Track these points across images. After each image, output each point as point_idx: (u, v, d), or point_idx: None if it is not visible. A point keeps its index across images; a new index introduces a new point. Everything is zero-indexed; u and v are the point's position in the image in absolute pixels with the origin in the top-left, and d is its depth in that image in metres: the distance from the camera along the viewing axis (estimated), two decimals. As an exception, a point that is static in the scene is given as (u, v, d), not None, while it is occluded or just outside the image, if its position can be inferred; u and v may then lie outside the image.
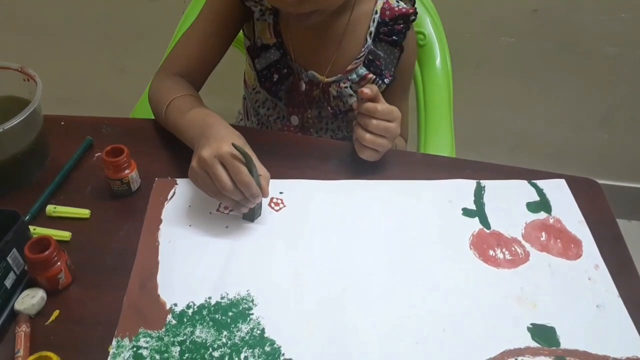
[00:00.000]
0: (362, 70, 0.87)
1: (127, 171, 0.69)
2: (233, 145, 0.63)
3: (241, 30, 0.94)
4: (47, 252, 0.57)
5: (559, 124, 1.56)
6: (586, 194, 0.77)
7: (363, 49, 0.86)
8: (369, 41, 0.86)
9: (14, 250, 0.59)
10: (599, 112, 1.52)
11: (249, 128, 1.00)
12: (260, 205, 0.69)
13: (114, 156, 0.68)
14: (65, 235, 0.66)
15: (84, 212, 0.69)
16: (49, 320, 0.58)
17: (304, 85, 0.88)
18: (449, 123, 1.03)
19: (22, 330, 0.55)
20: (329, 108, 0.90)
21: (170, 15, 1.21)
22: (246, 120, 1.07)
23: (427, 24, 1.09)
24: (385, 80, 0.88)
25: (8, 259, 0.58)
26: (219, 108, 1.08)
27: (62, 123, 0.83)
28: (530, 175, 0.79)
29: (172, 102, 0.76)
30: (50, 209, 0.68)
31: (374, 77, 0.87)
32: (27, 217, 0.67)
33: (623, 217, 1.65)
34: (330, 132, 0.96)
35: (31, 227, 0.65)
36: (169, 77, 0.82)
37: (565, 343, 0.59)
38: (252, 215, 0.69)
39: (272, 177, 0.73)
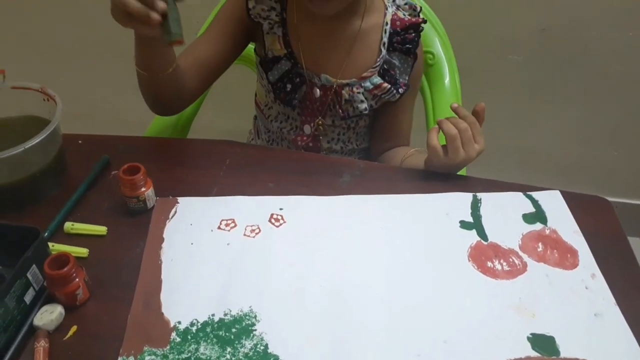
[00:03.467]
0: (377, 80, 0.89)
1: (143, 189, 0.71)
2: None
3: (254, 50, 0.96)
4: (66, 269, 0.58)
5: (567, 141, 1.57)
6: (596, 212, 0.78)
7: (379, 59, 0.88)
8: (384, 51, 0.88)
9: (34, 266, 0.60)
10: (608, 129, 1.53)
11: (262, 147, 1.02)
12: (176, 17, 0.66)
13: (130, 174, 0.70)
14: (83, 251, 0.67)
15: (101, 229, 0.70)
16: (67, 336, 0.59)
17: (318, 91, 0.90)
18: (458, 141, 1.04)
19: (41, 345, 0.56)
20: (340, 111, 0.91)
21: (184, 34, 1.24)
22: (257, 139, 1.09)
23: (436, 44, 1.11)
24: (400, 90, 0.90)
25: (28, 275, 0.59)
26: (230, 128, 1.10)
27: (80, 142, 0.85)
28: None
29: None
30: (68, 226, 0.70)
31: (389, 86, 0.89)
32: (46, 234, 0.69)
33: (634, 235, 1.64)
34: (341, 143, 0.98)
35: (50, 244, 0.67)
36: None
37: (565, 352, 0.60)
38: (167, 29, 0.66)
39: (282, 194, 0.74)
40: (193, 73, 0.86)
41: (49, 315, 0.59)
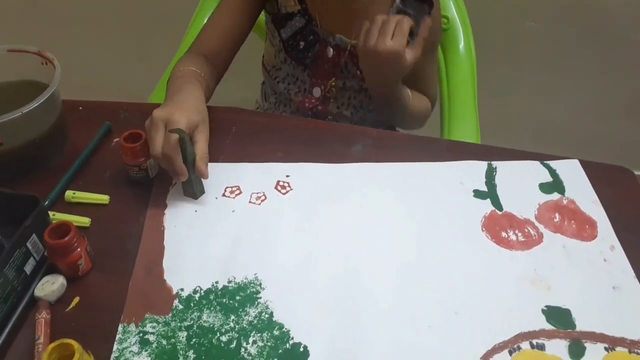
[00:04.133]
0: None
1: (144, 157, 0.68)
2: (171, 130, 0.63)
3: (264, 10, 0.92)
4: (67, 238, 0.56)
5: (586, 111, 1.52)
6: (618, 182, 0.75)
7: (391, 9, 0.84)
8: (397, 1, 0.84)
9: (34, 235, 0.58)
10: (629, 100, 1.48)
11: (271, 114, 0.99)
12: (199, 182, 0.68)
13: (131, 142, 0.67)
14: (85, 221, 0.65)
15: (103, 198, 0.68)
16: (69, 307, 0.57)
17: (331, 51, 0.88)
18: (473, 109, 1.01)
19: (42, 316, 0.55)
20: (358, 72, 0.88)
21: (187, 2, 1.20)
22: (263, 103, 1.06)
23: (451, 8, 1.06)
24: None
25: (28, 244, 0.57)
26: (238, 96, 1.07)
27: (81, 108, 0.82)
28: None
29: (174, 72, 0.78)
30: (70, 194, 0.68)
31: None
32: (47, 203, 0.66)
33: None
34: (352, 108, 0.95)
35: (50, 213, 0.65)
36: (189, 56, 0.83)
37: (581, 325, 0.58)
38: (192, 192, 0.68)
39: (292, 161, 0.72)
40: (225, 52, 0.86)
41: (50, 286, 0.57)
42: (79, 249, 0.58)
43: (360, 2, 0.84)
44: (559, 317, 0.58)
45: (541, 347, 0.56)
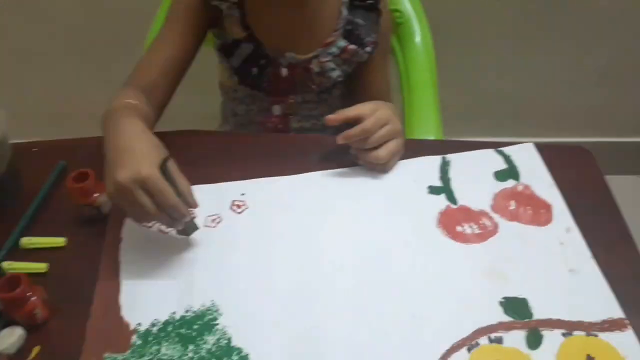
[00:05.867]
0: (342, 43, 0.85)
1: (95, 195, 0.67)
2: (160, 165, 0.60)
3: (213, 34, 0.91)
4: (17, 290, 0.56)
5: (557, 84, 1.51)
6: (576, 163, 0.75)
7: (339, 20, 0.84)
8: (345, 12, 0.84)
9: (-12, 290, 0.58)
10: (599, 67, 1.47)
11: (227, 133, 0.98)
12: (192, 218, 0.65)
13: (79, 181, 0.66)
14: (41, 267, 0.65)
15: (59, 241, 0.67)
16: (29, 358, 0.57)
17: (285, 70, 0.86)
18: (433, 103, 1.00)
19: (2, 370, 0.55)
20: (314, 86, 0.88)
21: (151, 21, 1.19)
22: (224, 125, 1.05)
23: (403, 0, 1.05)
24: (367, 49, 0.85)
25: (-18, 300, 0.57)
26: (204, 111, 1.07)
27: (35, 149, 0.81)
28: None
29: (108, 107, 0.69)
30: (25, 241, 0.67)
31: (355, 47, 0.85)
32: (3, 252, 0.66)
33: (630, 173, 1.59)
34: (314, 119, 0.94)
35: (7, 263, 0.64)
36: (123, 89, 0.75)
37: (538, 314, 0.58)
38: (187, 230, 0.66)
39: (251, 178, 0.72)
40: (164, 84, 0.80)
41: (8, 339, 0.57)
42: (33, 298, 0.58)
43: (305, 17, 0.83)
44: (516, 308, 0.58)
45: (499, 341, 0.56)
